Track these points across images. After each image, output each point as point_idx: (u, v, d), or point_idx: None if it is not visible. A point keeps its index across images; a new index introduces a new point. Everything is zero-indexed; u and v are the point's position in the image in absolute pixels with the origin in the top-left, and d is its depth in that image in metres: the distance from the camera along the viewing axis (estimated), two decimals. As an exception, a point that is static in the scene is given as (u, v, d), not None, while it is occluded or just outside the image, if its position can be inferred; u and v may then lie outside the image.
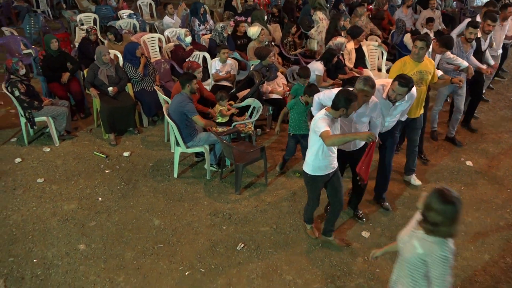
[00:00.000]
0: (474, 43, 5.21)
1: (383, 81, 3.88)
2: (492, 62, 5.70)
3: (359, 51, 6.63)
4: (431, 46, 4.63)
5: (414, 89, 3.75)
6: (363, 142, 3.73)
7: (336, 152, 3.48)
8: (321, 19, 7.37)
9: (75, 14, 9.52)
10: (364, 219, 4.24)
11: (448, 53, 4.89)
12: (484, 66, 5.43)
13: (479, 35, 5.34)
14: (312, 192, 3.74)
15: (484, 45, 5.50)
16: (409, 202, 4.57)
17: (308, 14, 8.78)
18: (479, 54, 5.44)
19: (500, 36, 6.25)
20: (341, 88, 3.59)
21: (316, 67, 5.70)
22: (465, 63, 4.95)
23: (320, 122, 3.21)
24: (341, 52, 6.18)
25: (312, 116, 3.76)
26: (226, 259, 3.78)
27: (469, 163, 5.31)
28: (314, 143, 3.36)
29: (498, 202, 4.60)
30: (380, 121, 3.82)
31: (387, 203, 4.45)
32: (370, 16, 8.61)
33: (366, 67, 6.72)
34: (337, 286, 3.53)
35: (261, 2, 9.62)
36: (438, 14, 8.94)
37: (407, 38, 7.13)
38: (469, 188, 4.84)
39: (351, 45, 6.49)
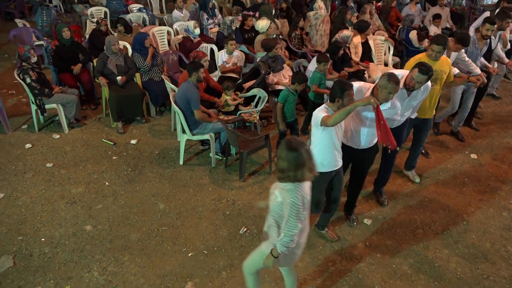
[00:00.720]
0: (488, 40, 5.06)
1: (399, 71, 3.80)
2: (506, 60, 5.64)
3: (366, 45, 6.66)
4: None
5: (429, 82, 3.73)
6: (376, 140, 3.62)
7: (340, 150, 3.37)
8: (320, 8, 7.48)
9: (86, 8, 9.68)
10: (355, 223, 4.08)
11: (464, 54, 4.72)
12: (491, 65, 5.33)
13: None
14: (315, 191, 3.40)
15: (494, 43, 5.39)
16: (412, 189, 4.60)
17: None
18: (488, 53, 5.33)
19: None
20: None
21: (322, 59, 5.74)
22: (477, 70, 4.77)
23: (318, 114, 3.15)
24: (347, 45, 6.22)
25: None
26: (228, 242, 3.85)
27: (473, 156, 5.31)
28: (317, 138, 3.26)
29: (501, 194, 4.61)
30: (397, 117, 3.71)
31: (384, 197, 4.41)
32: (378, 12, 8.65)
33: (372, 61, 6.74)
34: (338, 270, 3.57)
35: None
36: (446, 12, 8.94)
37: (413, 35, 7.16)
38: (472, 179, 4.85)
39: (357, 39, 6.52)
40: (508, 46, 5.87)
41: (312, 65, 5.89)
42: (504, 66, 6.34)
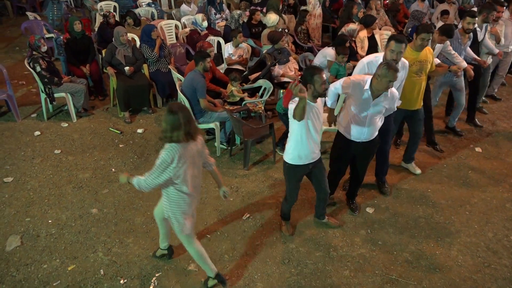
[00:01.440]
0: (471, 34, 5.02)
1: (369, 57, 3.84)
2: (496, 51, 5.59)
3: (372, 40, 6.66)
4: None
5: (405, 61, 3.77)
6: (376, 133, 3.62)
7: (318, 141, 3.34)
8: (309, 2, 7.61)
9: (96, 3, 9.79)
10: (357, 211, 4.10)
11: (450, 47, 4.75)
12: (480, 58, 5.29)
13: (476, 25, 5.13)
14: (290, 183, 3.51)
15: (480, 35, 5.34)
16: (415, 181, 4.62)
17: (323, 6, 8.87)
18: (475, 46, 5.27)
19: (511, 32, 5.95)
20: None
21: (328, 53, 5.77)
22: (463, 63, 4.78)
23: (291, 105, 3.07)
24: (353, 39, 6.25)
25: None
26: (231, 227, 3.90)
27: (478, 149, 5.31)
28: (293, 130, 3.23)
29: (505, 186, 4.60)
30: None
31: (387, 187, 4.42)
32: (386, 9, 8.66)
33: (378, 56, 6.74)
34: (339, 255, 3.60)
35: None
36: (454, 9, 8.91)
37: (420, 31, 7.15)
38: (476, 172, 4.85)
39: (363, 33, 6.53)
40: (502, 42, 5.82)
41: (318, 59, 5.93)
42: (504, 65, 6.27)
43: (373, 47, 6.69)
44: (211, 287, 3.22)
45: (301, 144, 3.22)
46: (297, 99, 3.01)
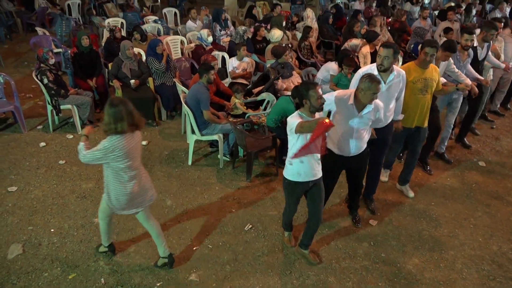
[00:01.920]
0: (471, 52, 4.91)
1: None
2: (502, 66, 5.58)
3: (375, 55, 6.71)
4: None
5: (404, 73, 3.76)
6: (365, 146, 3.60)
7: (319, 159, 3.23)
8: (308, 17, 7.74)
9: (103, 20, 10.01)
10: (359, 224, 4.06)
11: (453, 65, 4.64)
12: (481, 77, 5.13)
13: (476, 43, 5.05)
14: (288, 198, 3.47)
15: (481, 54, 5.20)
16: (419, 194, 4.60)
17: (326, 23, 9.02)
18: (476, 64, 5.13)
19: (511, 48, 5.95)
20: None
21: (331, 67, 5.85)
22: (468, 81, 4.62)
23: (291, 120, 3.03)
24: (356, 54, 6.32)
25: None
26: (233, 238, 3.88)
27: (481, 163, 5.29)
28: (293, 146, 3.15)
29: (509, 200, 4.57)
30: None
31: (374, 205, 4.31)
32: (389, 28, 8.78)
33: (381, 71, 6.81)
34: (342, 267, 3.57)
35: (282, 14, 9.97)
36: (457, 27, 9.01)
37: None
38: (480, 185, 4.83)
39: (366, 49, 6.59)
40: (502, 58, 5.79)
41: (321, 73, 6.00)
42: (506, 81, 6.26)
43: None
44: (102, 252, 3.58)
45: (300, 161, 3.16)
46: (298, 114, 3.05)
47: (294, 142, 3.11)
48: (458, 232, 4.05)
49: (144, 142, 5.56)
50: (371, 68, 3.73)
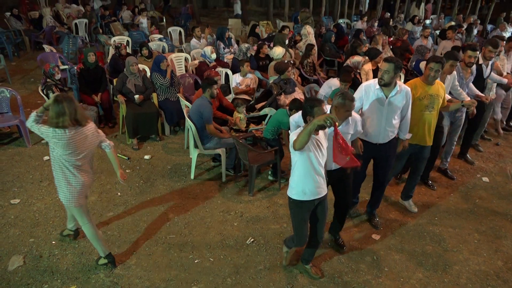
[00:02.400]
0: (474, 69, 4.87)
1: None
2: (505, 81, 5.51)
3: (377, 72, 6.79)
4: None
5: (408, 90, 3.72)
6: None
7: (323, 175, 3.12)
8: (309, 33, 7.84)
9: (109, 38, 10.20)
10: (345, 247, 3.89)
11: (457, 83, 4.60)
12: (483, 94, 5.04)
13: (481, 61, 5.05)
14: (294, 219, 3.26)
15: (486, 72, 5.15)
16: (422, 208, 4.57)
17: (329, 41, 9.15)
18: (480, 82, 5.09)
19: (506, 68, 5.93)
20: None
21: (333, 83, 5.90)
22: (468, 99, 4.48)
23: (291, 137, 2.93)
24: (358, 71, 6.38)
25: None
26: (235, 251, 3.85)
27: (485, 179, 5.27)
28: (295, 164, 3.06)
29: (514, 215, 4.54)
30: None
31: (377, 220, 4.29)
32: (391, 47, 8.88)
33: (383, 88, 6.86)
34: (344, 281, 3.52)
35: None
36: (458, 45, 9.10)
37: (423, 64, 7.29)
38: (484, 201, 4.80)
39: (368, 66, 6.66)
40: (505, 73, 5.79)
41: (323, 90, 6.05)
42: (508, 97, 6.26)
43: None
44: (101, 264, 3.60)
45: (304, 178, 3.05)
46: (298, 130, 2.90)
47: (296, 160, 3.03)
48: (462, 247, 4.00)
49: (147, 157, 5.59)
50: (374, 83, 3.76)
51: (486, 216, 4.49)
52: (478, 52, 4.71)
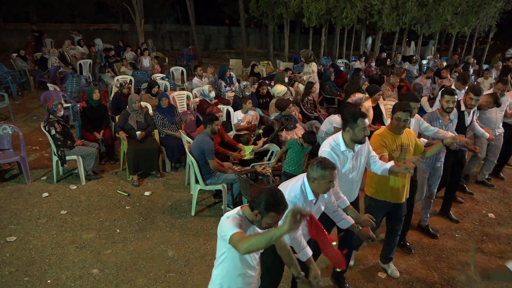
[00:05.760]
0: (452, 116, 4.44)
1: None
2: (486, 135, 4.86)
3: (377, 109, 6.87)
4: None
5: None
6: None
7: (256, 271, 2.54)
8: (313, 71, 8.01)
9: (112, 78, 10.39)
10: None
11: (426, 124, 4.22)
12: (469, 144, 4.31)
13: (463, 108, 4.64)
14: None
15: (468, 120, 4.71)
16: (429, 246, 4.45)
17: (329, 79, 9.32)
18: (462, 130, 4.60)
19: (496, 114, 5.56)
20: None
21: (334, 120, 5.95)
22: (450, 134, 4.12)
23: (226, 224, 2.26)
24: (360, 108, 6.45)
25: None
26: None
27: (491, 215, 5.19)
28: (221, 254, 2.42)
29: (523, 252, 4.42)
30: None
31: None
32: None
33: (383, 124, 6.90)
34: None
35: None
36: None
37: (424, 100, 7.39)
38: (492, 238, 4.69)
39: (368, 103, 6.75)
40: (500, 130, 5.60)
41: (325, 126, 6.09)
42: (494, 150, 5.77)
43: (378, 116, 6.87)
44: None
45: (228, 276, 2.50)
46: (237, 215, 2.36)
47: (223, 251, 2.39)
48: (472, 285, 3.86)
49: (147, 193, 5.52)
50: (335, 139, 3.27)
51: (495, 253, 4.38)
52: (456, 97, 4.26)
